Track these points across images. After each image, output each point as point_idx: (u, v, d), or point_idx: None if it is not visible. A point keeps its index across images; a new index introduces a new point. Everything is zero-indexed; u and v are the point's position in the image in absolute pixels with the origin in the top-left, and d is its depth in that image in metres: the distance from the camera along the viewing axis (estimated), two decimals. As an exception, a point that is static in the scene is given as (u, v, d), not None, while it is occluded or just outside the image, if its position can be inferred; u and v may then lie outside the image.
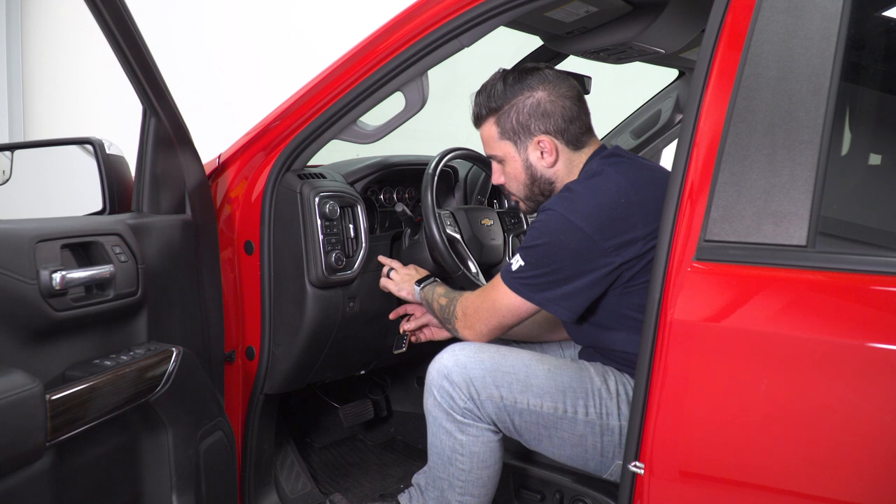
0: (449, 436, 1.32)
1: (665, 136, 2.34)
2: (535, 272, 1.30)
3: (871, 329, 0.90)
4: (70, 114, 5.37)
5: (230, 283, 1.60)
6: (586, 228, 1.26)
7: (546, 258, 1.29)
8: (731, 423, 0.98)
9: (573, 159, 1.41)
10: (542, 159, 1.40)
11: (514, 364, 1.31)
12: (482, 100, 1.43)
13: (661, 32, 1.54)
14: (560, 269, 1.28)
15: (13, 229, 1.06)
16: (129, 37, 1.21)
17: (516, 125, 1.39)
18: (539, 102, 1.38)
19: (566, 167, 1.41)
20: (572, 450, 1.32)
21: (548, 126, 1.38)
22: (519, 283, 1.32)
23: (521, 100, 1.38)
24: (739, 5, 1.00)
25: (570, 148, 1.40)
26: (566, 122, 1.38)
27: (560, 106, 1.38)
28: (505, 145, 1.42)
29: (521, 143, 1.40)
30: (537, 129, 1.38)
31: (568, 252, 1.27)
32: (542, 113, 1.38)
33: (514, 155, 1.42)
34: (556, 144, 1.39)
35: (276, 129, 1.55)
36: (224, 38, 4.54)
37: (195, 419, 1.30)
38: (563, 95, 1.38)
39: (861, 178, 1.25)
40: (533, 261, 1.30)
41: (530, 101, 1.38)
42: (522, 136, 1.40)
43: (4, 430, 0.88)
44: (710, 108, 1.01)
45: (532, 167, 1.41)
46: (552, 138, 1.38)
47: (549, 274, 1.29)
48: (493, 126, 1.42)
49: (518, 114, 1.38)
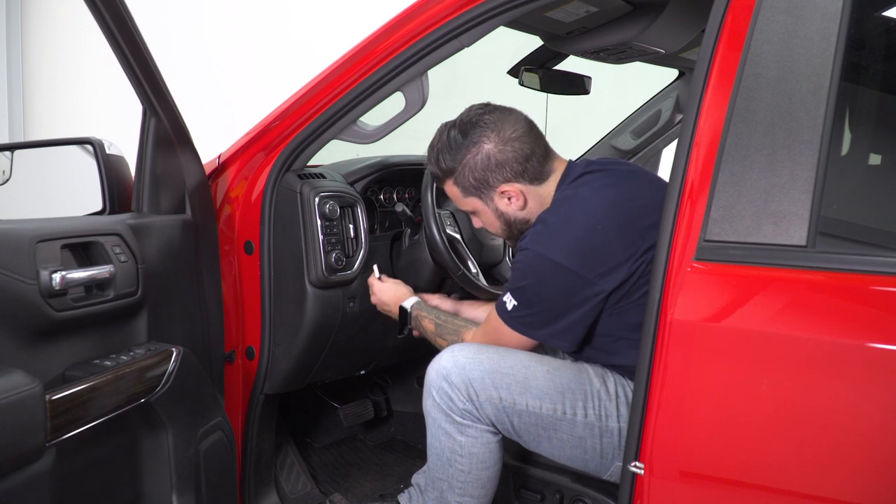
0: (448, 437, 1.32)
1: (665, 136, 2.34)
2: (529, 311, 1.30)
3: (871, 329, 0.90)
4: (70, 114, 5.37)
5: (230, 283, 1.60)
6: (567, 263, 1.25)
7: (535, 298, 1.29)
8: (730, 424, 0.98)
9: (541, 192, 1.39)
10: (510, 205, 1.39)
11: (513, 365, 1.31)
12: (433, 163, 1.42)
13: (661, 32, 1.54)
14: (551, 306, 1.29)
15: (13, 229, 1.06)
16: (129, 37, 1.21)
17: (475, 182, 1.38)
18: (489, 156, 1.35)
19: (537, 202, 1.40)
20: (571, 451, 1.32)
21: (505, 175, 1.36)
22: (517, 322, 1.32)
23: (471, 158, 1.36)
24: (739, 5, 1.00)
25: (534, 185, 1.38)
26: (522, 164, 1.35)
27: (510, 151, 1.35)
28: (472, 201, 1.42)
29: (485, 196, 1.40)
30: (496, 181, 1.37)
31: (554, 290, 1.28)
32: (496, 165, 1.35)
33: (483, 207, 1.42)
34: (519, 188, 1.37)
35: (276, 129, 1.55)
36: (224, 38, 4.54)
37: (195, 419, 1.30)
38: (509, 139, 1.35)
39: (861, 178, 1.25)
40: (523, 301, 1.30)
41: (479, 157, 1.36)
42: (485, 190, 1.39)
43: (4, 430, 0.88)
44: (710, 108, 1.01)
45: (504, 214, 1.41)
46: (513, 184, 1.37)
47: (542, 312, 1.30)
48: (453, 187, 1.42)
49: (472, 172, 1.37)
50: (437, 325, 1.53)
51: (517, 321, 1.32)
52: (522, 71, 1.91)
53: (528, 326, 1.32)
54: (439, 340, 1.52)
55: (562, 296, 1.28)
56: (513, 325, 1.33)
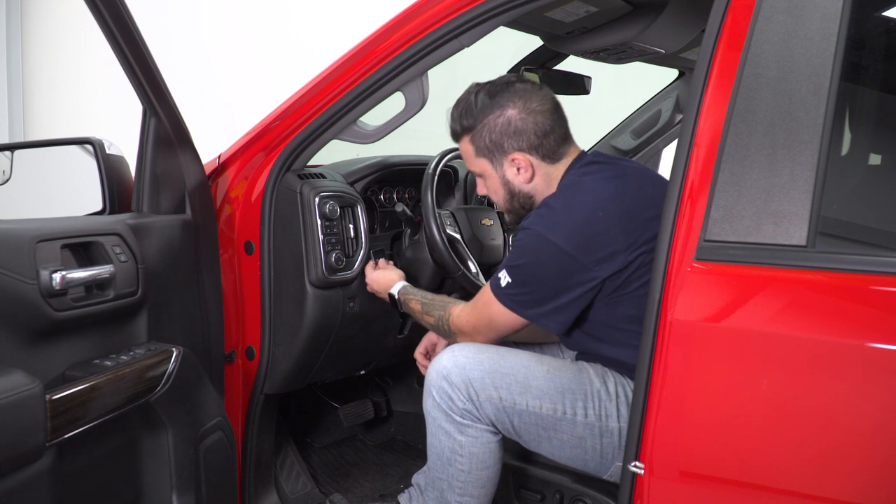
0: (448, 437, 1.32)
1: (665, 136, 2.34)
2: (521, 290, 1.31)
3: (871, 329, 0.90)
4: (70, 114, 5.37)
5: (230, 283, 1.60)
6: (566, 247, 1.26)
7: (530, 277, 1.30)
8: (730, 423, 0.98)
9: (551, 172, 1.40)
10: (518, 175, 1.40)
11: (513, 365, 1.31)
12: (456, 117, 1.43)
13: (661, 32, 1.54)
14: (545, 286, 1.29)
15: (13, 229, 1.06)
16: (129, 37, 1.21)
17: (490, 143, 1.39)
18: (510, 121, 1.36)
19: (544, 181, 1.40)
20: (572, 451, 1.32)
21: (520, 143, 1.37)
22: (509, 299, 1.32)
23: (493, 119, 1.37)
24: (739, 5, 1.00)
25: (546, 162, 1.39)
26: (539, 138, 1.37)
27: (532, 122, 1.36)
28: (482, 163, 1.42)
29: (496, 161, 1.40)
30: (510, 147, 1.37)
31: (550, 271, 1.28)
32: (514, 131, 1.36)
33: (491, 172, 1.42)
34: (530, 161, 1.38)
35: (276, 129, 1.55)
36: (224, 38, 4.54)
37: (195, 419, 1.30)
38: (534, 111, 1.36)
39: (861, 178, 1.25)
40: (519, 279, 1.31)
41: (501, 119, 1.36)
42: (497, 154, 1.39)
43: (4, 430, 0.88)
44: (710, 108, 1.01)
45: (509, 183, 1.41)
46: (526, 155, 1.37)
47: (535, 291, 1.30)
48: (468, 144, 1.42)
49: (490, 133, 1.38)
50: (423, 303, 1.52)
51: (509, 298, 1.32)
52: (522, 71, 1.91)
53: (519, 304, 1.32)
54: (426, 318, 1.51)
55: (557, 278, 1.28)
56: (505, 301, 1.33)
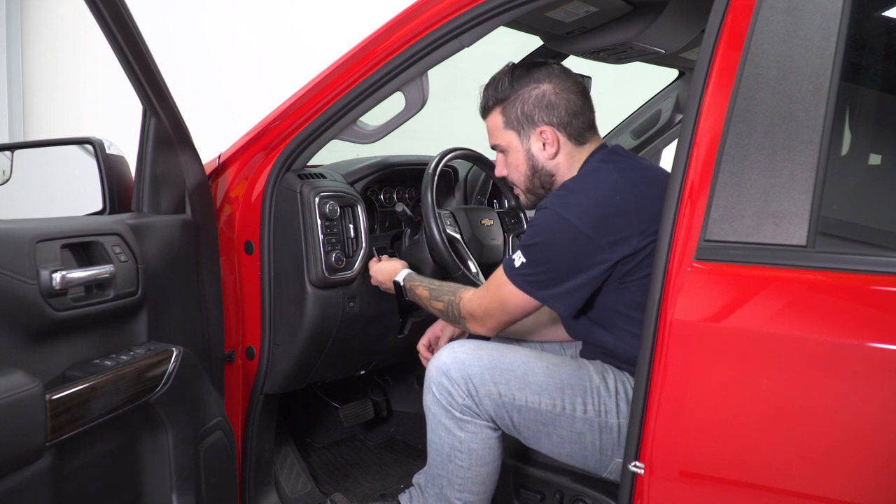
0: (448, 433, 1.32)
1: (665, 136, 2.34)
2: (536, 269, 1.31)
3: (871, 329, 0.90)
4: (70, 114, 5.37)
5: (230, 283, 1.60)
6: (581, 226, 1.27)
7: (545, 256, 1.30)
8: (731, 423, 0.98)
9: (574, 154, 1.42)
10: (543, 150, 1.42)
11: (512, 361, 1.32)
12: (490, 91, 1.46)
13: (661, 32, 1.54)
14: (559, 266, 1.29)
15: (13, 229, 1.06)
16: (129, 37, 1.21)
17: (521, 115, 1.41)
18: (544, 94, 1.40)
19: (567, 161, 1.42)
20: (571, 447, 1.32)
21: (551, 118, 1.40)
22: (523, 279, 1.32)
23: (527, 91, 1.40)
24: (739, 5, 1.00)
25: (572, 142, 1.42)
26: (570, 116, 1.40)
27: (564, 99, 1.40)
28: (508, 135, 1.44)
29: (524, 133, 1.42)
30: (541, 120, 1.40)
31: (565, 250, 1.29)
32: (547, 104, 1.40)
33: (516, 145, 1.44)
34: (557, 136, 1.41)
35: (276, 129, 1.55)
36: (224, 38, 4.54)
37: (195, 419, 1.30)
38: (567, 90, 1.41)
39: (861, 178, 1.25)
40: (533, 258, 1.31)
41: (536, 92, 1.40)
42: (526, 126, 1.42)
43: (4, 430, 0.88)
44: (710, 108, 1.01)
45: (534, 158, 1.43)
46: (555, 130, 1.40)
47: (549, 271, 1.30)
48: (498, 116, 1.44)
49: (523, 104, 1.41)
50: (430, 289, 1.52)
51: (523, 279, 1.32)
52: (522, 71, 1.91)
53: (532, 285, 1.32)
54: (434, 304, 1.50)
55: (570, 257, 1.29)
56: (518, 282, 1.33)
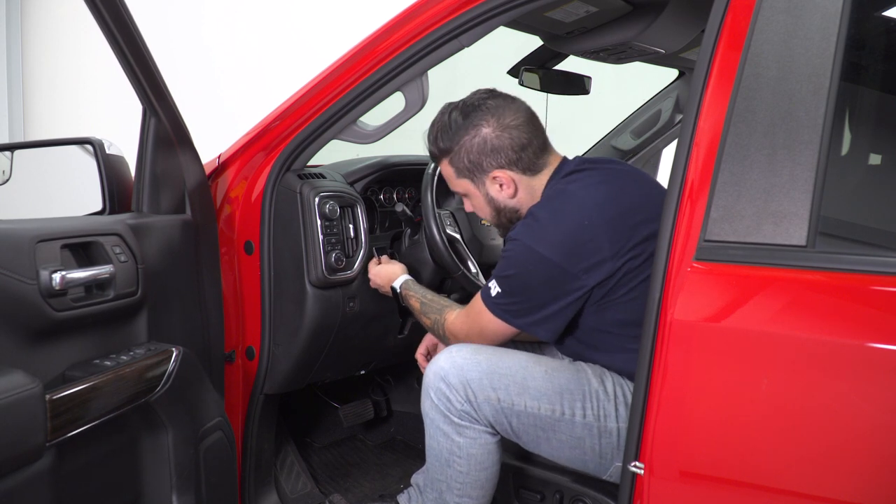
0: (446, 438, 1.32)
1: (665, 136, 2.34)
2: (512, 299, 1.31)
3: (871, 329, 0.90)
4: (70, 114, 5.37)
5: (230, 283, 1.60)
6: (553, 258, 1.26)
7: (519, 287, 1.30)
8: (730, 424, 0.98)
9: (533, 184, 1.40)
10: (501, 192, 1.40)
11: (511, 366, 1.31)
12: (432, 140, 1.43)
13: (661, 32, 1.54)
14: (534, 296, 1.30)
15: (13, 229, 1.06)
16: (129, 37, 1.21)
17: (469, 164, 1.39)
18: (486, 139, 1.36)
19: (528, 193, 1.41)
20: (570, 452, 1.32)
21: (499, 161, 1.37)
22: (499, 308, 1.33)
23: (468, 140, 1.37)
24: (739, 5, 1.00)
25: (527, 175, 1.39)
26: (517, 152, 1.36)
27: (507, 138, 1.36)
28: (464, 183, 1.43)
29: (478, 180, 1.41)
30: (489, 166, 1.38)
31: (539, 281, 1.28)
32: (491, 149, 1.36)
33: (474, 191, 1.43)
34: (511, 176, 1.38)
35: (276, 129, 1.55)
36: (224, 38, 4.54)
37: (195, 419, 1.30)
38: (508, 126, 1.36)
39: (861, 178, 1.25)
40: (508, 289, 1.31)
41: (476, 140, 1.36)
42: (478, 174, 1.40)
43: (4, 430, 0.88)
44: (710, 108, 1.01)
45: (494, 200, 1.42)
46: (506, 171, 1.38)
47: (525, 301, 1.30)
48: (448, 166, 1.43)
49: (468, 154, 1.38)
50: (422, 303, 1.53)
51: (500, 308, 1.33)
52: (522, 71, 1.91)
53: (509, 314, 1.33)
54: (423, 319, 1.52)
55: (545, 287, 1.28)
56: (495, 311, 1.34)
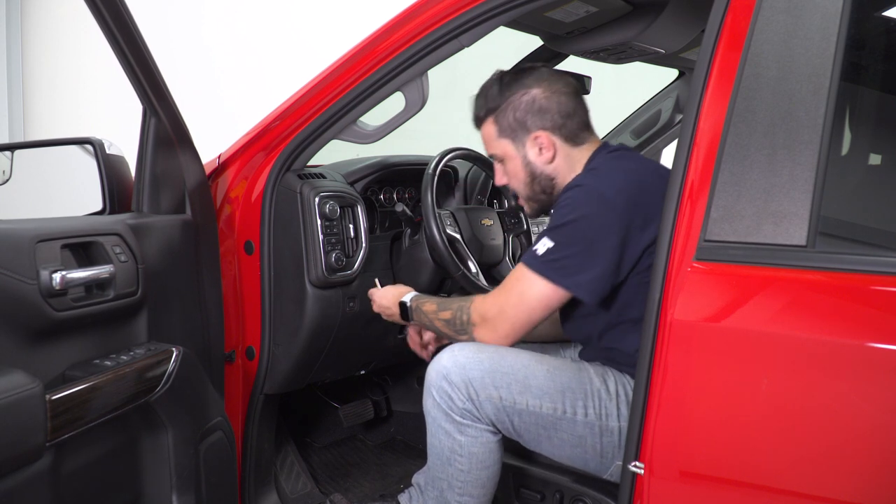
0: (448, 436, 1.32)
1: (665, 136, 2.34)
2: (565, 252, 1.26)
3: (871, 329, 0.90)
4: (70, 114, 5.37)
5: (230, 283, 1.60)
6: (618, 200, 1.26)
7: (576, 234, 1.26)
8: (731, 424, 0.98)
9: (573, 155, 1.42)
10: (540, 155, 1.41)
11: (512, 365, 1.31)
12: (480, 101, 1.45)
13: (661, 32, 1.54)
14: (590, 245, 1.25)
15: (13, 229, 1.06)
16: (129, 37, 1.21)
17: (513, 122, 1.41)
18: (534, 99, 1.39)
19: (566, 163, 1.42)
20: (572, 450, 1.32)
21: (544, 122, 1.40)
22: (549, 266, 1.27)
23: (517, 97, 1.40)
24: (739, 5, 1.00)
25: (568, 144, 1.41)
26: (563, 118, 1.40)
27: (556, 102, 1.39)
28: (503, 143, 1.44)
29: (518, 141, 1.42)
30: (534, 126, 1.40)
31: (598, 225, 1.26)
32: (538, 109, 1.39)
33: (512, 153, 1.43)
34: (553, 140, 1.40)
35: (276, 129, 1.55)
36: (224, 38, 4.54)
37: (195, 419, 1.30)
38: (558, 92, 1.40)
39: (861, 178, 1.25)
40: (564, 240, 1.27)
41: (526, 98, 1.40)
42: (520, 133, 1.41)
43: (4, 430, 0.88)
44: (710, 108, 1.01)
45: (531, 164, 1.42)
46: (549, 134, 1.40)
47: (580, 253, 1.26)
48: (491, 125, 1.44)
49: (514, 111, 1.40)
50: (439, 302, 1.47)
51: (549, 265, 1.27)
52: (522, 71, 1.91)
53: (559, 272, 1.27)
54: (442, 314, 1.44)
55: (605, 233, 1.25)
56: (543, 269, 1.27)
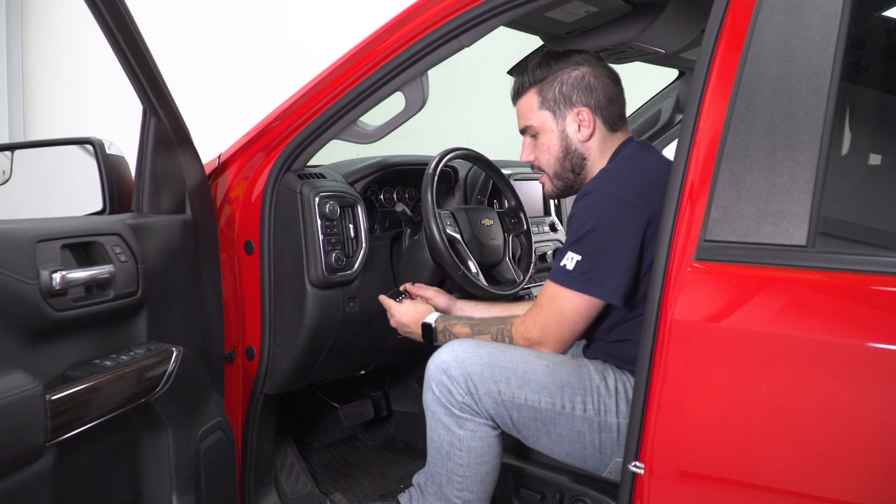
0: (447, 430, 1.32)
1: (665, 136, 2.34)
2: (594, 262, 1.27)
3: (871, 329, 0.90)
4: (70, 114, 5.37)
5: (230, 283, 1.60)
6: (632, 199, 1.26)
7: (602, 242, 1.26)
8: (731, 423, 0.98)
9: (606, 140, 1.44)
10: (578, 132, 1.43)
11: (512, 360, 1.31)
12: (527, 72, 1.46)
13: (661, 32, 1.54)
14: (615, 250, 1.26)
15: (13, 229, 1.06)
16: (129, 37, 1.21)
17: (558, 95, 1.43)
18: (584, 76, 1.42)
19: (599, 146, 1.44)
20: (570, 446, 1.32)
21: (589, 100, 1.42)
22: (582, 280, 1.27)
23: (567, 71, 1.43)
24: (739, 5, 1.00)
25: (606, 127, 1.44)
26: (607, 101, 1.43)
27: (603, 83, 1.43)
28: (542, 115, 1.45)
29: (559, 114, 1.44)
30: (579, 101, 1.42)
31: (619, 230, 1.26)
32: (586, 86, 1.42)
33: (550, 126, 1.45)
34: (594, 119, 1.43)
35: (276, 129, 1.55)
36: (224, 38, 4.54)
37: (195, 419, 1.30)
38: (605, 75, 1.44)
39: (861, 178, 1.25)
40: (590, 250, 1.27)
41: (575, 73, 1.43)
42: (562, 107, 1.43)
43: (4, 430, 0.88)
44: (710, 108, 1.01)
45: (567, 139, 1.44)
46: (592, 112, 1.42)
47: (608, 260, 1.26)
48: (533, 96, 1.46)
49: (562, 84, 1.43)
50: (472, 325, 1.46)
51: (582, 279, 1.27)
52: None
53: (592, 283, 1.26)
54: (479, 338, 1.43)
55: (625, 235, 1.26)
56: (576, 285, 1.27)
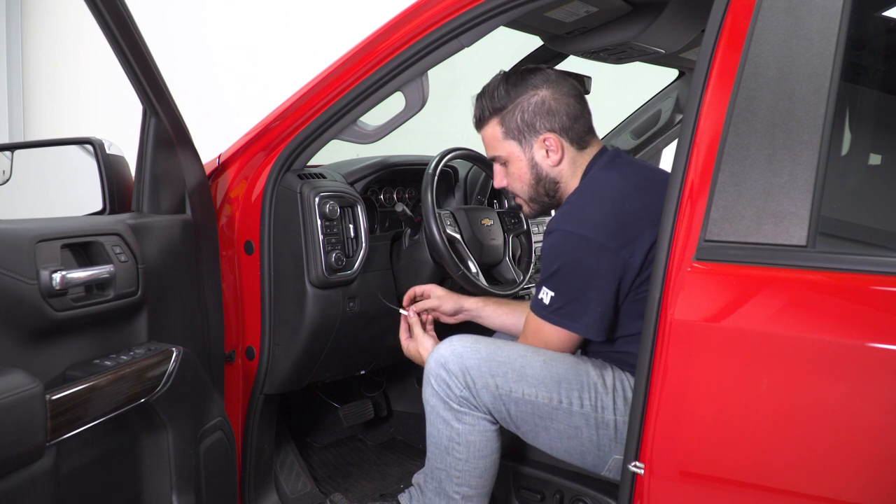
0: (446, 424, 1.33)
1: (665, 136, 2.34)
2: (566, 299, 1.29)
3: (871, 329, 0.90)
4: (70, 114, 5.37)
5: (230, 283, 1.60)
6: (598, 237, 1.26)
7: (570, 280, 1.28)
8: (731, 423, 0.98)
9: (577, 159, 1.42)
10: (547, 158, 1.41)
11: (509, 354, 1.32)
12: (485, 101, 1.44)
13: (661, 32, 1.54)
14: (585, 288, 1.28)
15: (13, 229, 1.06)
16: (129, 37, 1.21)
17: (521, 124, 1.40)
18: (544, 101, 1.39)
19: (570, 167, 1.42)
20: (568, 442, 1.32)
21: (553, 124, 1.39)
22: (558, 314, 1.30)
23: (526, 98, 1.39)
24: (739, 5, 1.00)
25: (574, 147, 1.41)
26: (571, 121, 1.39)
27: (564, 104, 1.39)
28: (509, 145, 1.43)
29: (525, 143, 1.41)
30: (543, 127, 1.39)
31: (587, 268, 1.27)
32: (548, 111, 1.38)
33: (518, 155, 1.43)
34: (561, 143, 1.40)
35: (276, 129, 1.55)
36: (224, 38, 4.54)
37: (195, 419, 1.30)
38: (566, 94, 1.40)
39: (861, 178, 1.25)
40: (562, 287, 1.29)
41: (535, 99, 1.39)
42: (527, 135, 1.40)
43: (4, 430, 0.88)
44: (710, 108, 1.01)
45: (537, 166, 1.42)
46: (557, 136, 1.39)
47: (579, 297, 1.28)
48: (496, 126, 1.43)
49: (523, 112, 1.39)
50: None
51: (558, 314, 1.30)
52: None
53: (568, 317, 1.30)
54: None
55: (594, 273, 1.26)
56: (554, 319, 1.30)
